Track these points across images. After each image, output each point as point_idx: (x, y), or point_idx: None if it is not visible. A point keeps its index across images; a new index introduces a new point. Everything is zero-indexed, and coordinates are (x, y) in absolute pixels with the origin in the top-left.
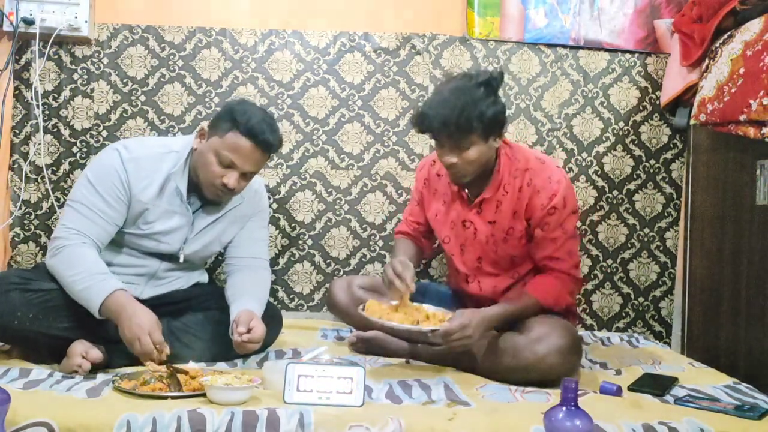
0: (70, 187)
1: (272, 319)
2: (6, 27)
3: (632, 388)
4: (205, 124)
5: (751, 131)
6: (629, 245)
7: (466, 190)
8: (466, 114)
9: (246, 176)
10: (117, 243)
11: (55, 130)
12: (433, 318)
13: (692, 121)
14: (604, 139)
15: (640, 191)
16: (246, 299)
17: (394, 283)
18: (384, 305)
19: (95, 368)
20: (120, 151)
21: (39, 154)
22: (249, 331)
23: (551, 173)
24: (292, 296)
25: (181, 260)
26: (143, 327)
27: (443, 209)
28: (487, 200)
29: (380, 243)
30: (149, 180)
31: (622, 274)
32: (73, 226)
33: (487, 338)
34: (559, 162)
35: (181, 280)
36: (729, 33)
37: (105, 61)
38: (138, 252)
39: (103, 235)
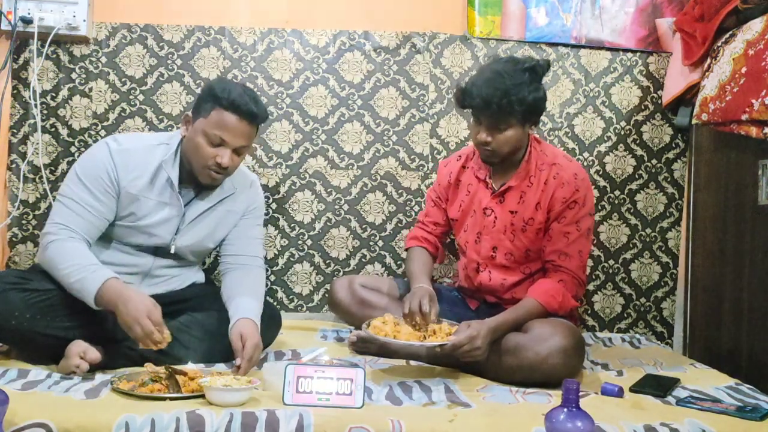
0: None
1: (271, 319)
2: (4, 26)
3: (634, 389)
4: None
5: (754, 131)
6: (631, 245)
7: (491, 180)
8: (509, 95)
9: (238, 152)
10: (109, 239)
11: (53, 129)
12: (439, 332)
13: (694, 121)
14: (605, 138)
15: (641, 191)
16: (244, 300)
17: (415, 319)
18: (388, 322)
19: (93, 369)
20: (109, 143)
21: (37, 153)
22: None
23: (577, 171)
24: (291, 297)
25: (172, 251)
26: (141, 310)
27: (467, 199)
28: (511, 189)
29: (380, 243)
30: (139, 171)
31: (623, 275)
32: (61, 221)
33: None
34: None
35: (177, 280)
36: (731, 32)
37: (103, 60)
38: (131, 248)
39: (91, 229)
